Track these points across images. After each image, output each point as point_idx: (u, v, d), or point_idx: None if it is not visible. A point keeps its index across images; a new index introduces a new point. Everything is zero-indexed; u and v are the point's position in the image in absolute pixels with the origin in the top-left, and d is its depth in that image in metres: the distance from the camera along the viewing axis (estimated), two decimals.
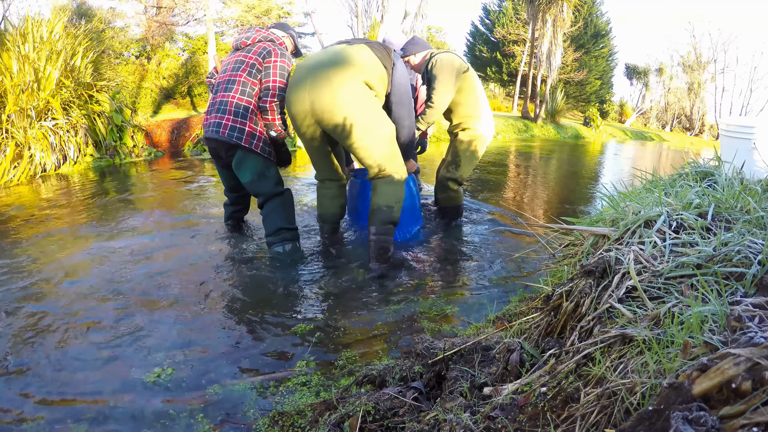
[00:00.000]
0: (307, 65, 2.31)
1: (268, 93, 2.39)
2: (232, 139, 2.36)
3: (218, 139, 2.38)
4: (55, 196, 3.81)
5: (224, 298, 2.06)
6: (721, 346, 0.73)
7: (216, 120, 2.38)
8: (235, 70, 2.41)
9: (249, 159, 2.43)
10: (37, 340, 1.69)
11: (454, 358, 1.27)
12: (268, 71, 2.39)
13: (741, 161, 2.11)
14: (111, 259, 2.45)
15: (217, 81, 2.50)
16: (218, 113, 2.39)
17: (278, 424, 1.26)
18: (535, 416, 0.89)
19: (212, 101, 2.46)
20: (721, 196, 1.52)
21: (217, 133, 2.37)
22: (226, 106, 2.37)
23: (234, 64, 2.43)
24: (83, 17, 7.37)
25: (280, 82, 2.40)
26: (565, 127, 13.56)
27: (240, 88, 2.38)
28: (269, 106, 2.39)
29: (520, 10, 16.45)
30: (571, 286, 1.22)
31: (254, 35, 2.48)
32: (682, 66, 21.93)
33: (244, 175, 2.46)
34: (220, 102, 2.40)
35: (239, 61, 2.42)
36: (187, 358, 1.61)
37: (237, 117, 2.37)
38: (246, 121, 2.38)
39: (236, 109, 2.37)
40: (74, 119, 4.96)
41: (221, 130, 2.36)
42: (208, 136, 2.44)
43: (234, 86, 2.38)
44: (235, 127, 2.37)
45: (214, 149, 2.50)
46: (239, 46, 2.48)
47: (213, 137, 2.40)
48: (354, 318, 1.92)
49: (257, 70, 2.40)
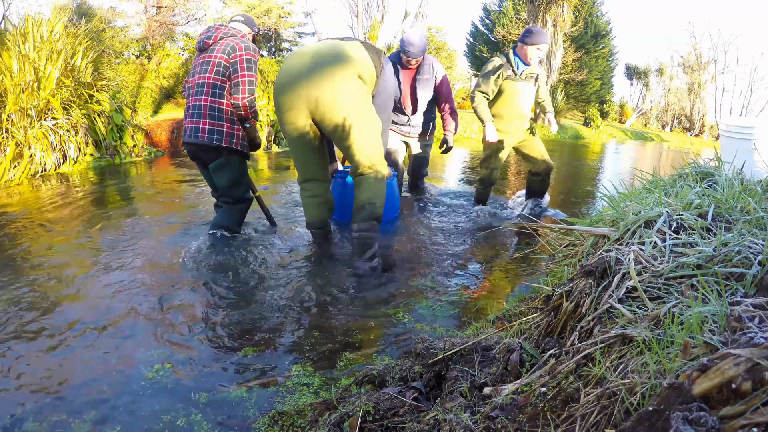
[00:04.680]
0: (305, 55, 2.27)
1: (239, 89, 2.41)
2: (213, 142, 2.42)
3: (198, 143, 2.43)
4: (55, 195, 3.80)
5: (224, 297, 2.06)
6: (721, 346, 0.73)
7: (193, 125, 2.43)
8: (204, 72, 2.43)
9: (229, 166, 2.51)
10: (36, 340, 1.69)
11: (454, 358, 1.27)
12: (235, 67, 2.41)
13: (741, 162, 2.11)
14: (110, 259, 2.45)
15: (188, 84, 2.52)
16: (194, 117, 2.43)
17: (278, 424, 1.26)
18: (535, 416, 0.89)
19: (187, 105, 2.50)
20: (721, 196, 1.52)
21: (196, 137, 2.42)
22: (201, 109, 2.41)
23: (201, 66, 2.45)
24: (83, 17, 7.37)
25: (249, 75, 2.41)
26: (565, 128, 13.55)
27: (211, 90, 2.41)
28: (242, 102, 2.41)
29: (521, 11, 16.44)
30: (571, 287, 1.22)
31: (215, 33, 2.47)
32: (682, 66, 21.91)
33: (221, 179, 2.53)
34: (194, 106, 2.43)
35: (205, 63, 2.44)
36: (187, 358, 1.61)
37: (213, 120, 2.41)
38: (223, 123, 2.43)
39: (211, 111, 2.41)
40: (74, 119, 4.96)
41: (200, 135, 2.41)
42: (187, 141, 2.48)
43: (204, 89, 2.41)
44: (213, 130, 2.41)
45: (194, 152, 2.53)
46: (203, 46, 2.47)
47: (193, 141, 2.44)
48: (354, 318, 1.92)
49: (224, 68, 2.41)
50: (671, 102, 22.25)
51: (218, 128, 2.41)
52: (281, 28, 16.60)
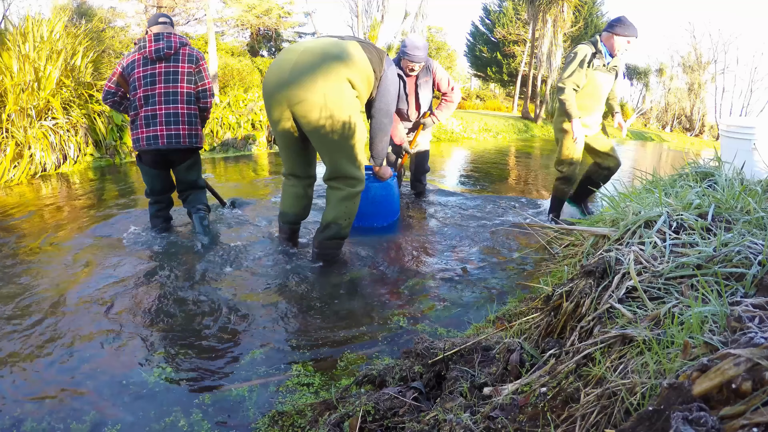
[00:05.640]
0: (295, 50, 2.23)
1: (206, 93, 2.69)
2: (193, 145, 2.65)
3: (179, 148, 2.61)
4: (55, 195, 3.81)
5: (224, 297, 2.06)
6: (721, 346, 0.73)
7: (172, 131, 2.58)
8: (173, 82, 2.57)
9: (196, 162, 2.79)
10: (36, 340, 1.69)
11: (454, 358, 1.27)
12: (200, 75, 2.67)
13: (741, 162, 2.11)
14: (110, 259, 2.45)
15: (144, 93, 2.55)
16: (173, 125, 2.58)
17: (278, 424, 1.27)
18: (535, 416, 0.89)
19: (153, 113, 2.55)
20: (721, 196, 1.52)
21: (177, 143, 2.60)
22: (179, 117, 2.58)
23: (164, 75, 2.57)
24: (83, 17, 7.37)
25: (209, 81, 2.72)
26: None
27: (185, 98, 2.61)
28: (209, 106, 2.72)
29: (521, 11, 16.44)
30: (571, 287, 1.22)
31: (173, 42, 2.58)
32: (682, 66, 21.91)
33: (192, 174, 2.78)
34: (167, 114, 2.56)
35: (172, 72, 2.58)
36: (187, 358, 1.61)
37: (191, 125, 2.64)
38: (197, 126, 2.67)
39: (188, 118, 2.62)
40: (74, 119, 4.96)
41: (182, 140, 2.60)
42: (168, 147, 2.59)
43: (179, 98, 2.59)
44: (192, 134, 2.65)
45: (165, 156, 2.66)
46: (163, 56, 2.55)
47: (174, 147, 2.60)
48: (354, 318, 1.92)
49: (191, 76, 2.63)
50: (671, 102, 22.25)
51: (195, 132, 2.65)
52: (281, 28, 16.63)
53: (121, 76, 2.59)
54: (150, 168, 2.70)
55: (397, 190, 3.19)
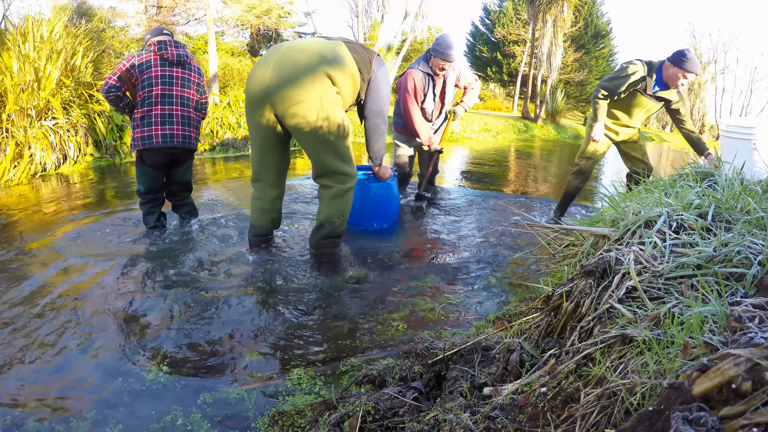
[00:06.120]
0: (278, 48, 2.23)
1: (206, 106, 2.87)
2: (194, 147, 2.81)
3: (188, 148, 2.74)
4: (55, 195, 3.80)
5: (223, 297, 2.06)
6: (721, 346, 0.73)
7: (186, 132, 2.72)
8: (187, 87, 2.72)
9: (191, 162, 2.91)
10: (36, 340, 1.69)
11: (454, 358, 1.27)
12: (203, 87, 2.84)
13: (741, 162, 2.11)
14: (110, 258, 2.45)
15: (162, 92, 2.63)
16: (187, 126, 2.72)
17: (278, 424, 1.26)
18: (535, 416, 0.89)
19: (171, 112, 2.65)
20: (721, 196, 1.52)
21: (189, 144, 2.73)
22: (190, 121, 2.74)
23: (181, 80, 2.70)
24: (83, 17, 7.37)
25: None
26: (565, 128, 13.55)
27: (195, 105, 2.77)
28: (204, 117, 2.88)
29: (521, 11, 16.45)
30: (571, 287, 1.22)
31: (188, 52, 2.75)
32: None
33: (189, 174, 2.91)
34: (182, 116, 2.70)
35: (186, 79, 2.72)
36: (186, 358, 1.61)
37: (197, 130, 2.82)
38: (198, 130, 2.84)
39: (196, 123, 2.80)
40: (74, 118, 4.96)
41: (192, 142, 2.75)
42: (183, 146, 2.70)
43: (190, 103, 2.74)
44: (197, 137, 2.83)
45: (174, 156, 2.75)
46: (182, 62, 2.70)
47: (181, 146, 2.70)
48: (354, 318, 1.92)
49: (198, 86, 2.81)
50: None
51: (197, 135, 2.82)
52: (281, 28, 16.62)
53: (127, 72, 2.59)
54: (151, 169, 2.72)
55: (397, 190, 3.18)
